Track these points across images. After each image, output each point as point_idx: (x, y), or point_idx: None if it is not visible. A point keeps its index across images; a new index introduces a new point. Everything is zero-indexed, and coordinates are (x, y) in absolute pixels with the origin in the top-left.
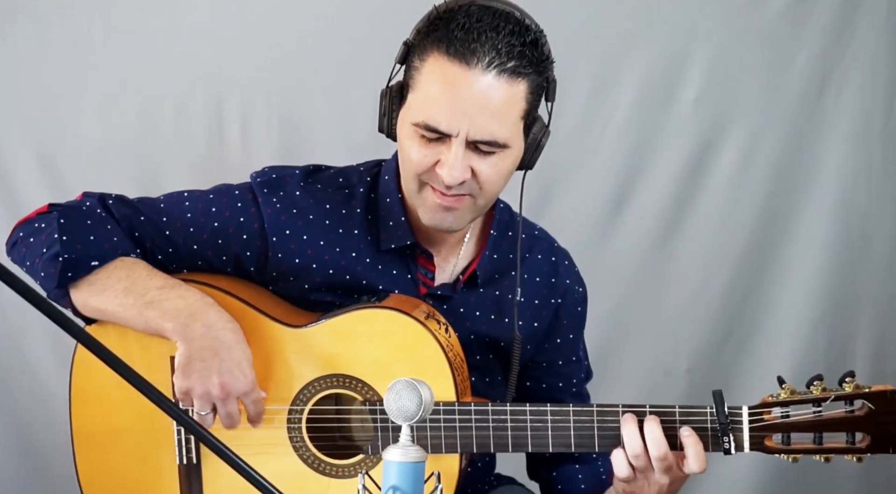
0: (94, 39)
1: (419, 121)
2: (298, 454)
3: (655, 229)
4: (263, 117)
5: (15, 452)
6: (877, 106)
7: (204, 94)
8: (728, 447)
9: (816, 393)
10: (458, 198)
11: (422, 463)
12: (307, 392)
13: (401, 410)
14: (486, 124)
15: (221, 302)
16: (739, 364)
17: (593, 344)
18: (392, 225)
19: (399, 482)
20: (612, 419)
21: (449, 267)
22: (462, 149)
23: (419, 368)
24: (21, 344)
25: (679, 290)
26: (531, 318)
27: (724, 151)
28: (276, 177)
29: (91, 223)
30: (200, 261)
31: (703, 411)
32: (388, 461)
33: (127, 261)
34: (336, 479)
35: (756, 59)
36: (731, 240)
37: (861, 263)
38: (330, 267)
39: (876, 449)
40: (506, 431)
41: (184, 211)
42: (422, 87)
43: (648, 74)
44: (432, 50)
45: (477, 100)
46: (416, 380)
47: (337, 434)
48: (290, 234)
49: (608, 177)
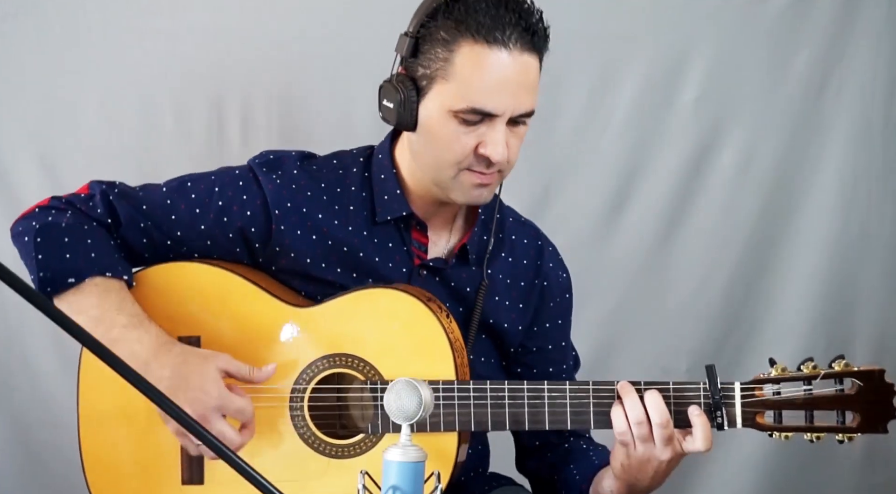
0: (93, 39)
1: (463, 107)
2: (299, 433)
3: (655, 229)
4: (263, 117)
5: (15, 452)
6: (877, 106)
7: (204, 94)
8: (721, 421)
9: (807, 371)
10: (492, 175)
11: (422, 463)
12: (310, 371)
13: (401, 410)
14: (525, 99)
15: (229, 282)
16: (739, 363)
17: (593, 343)
18: (387, 198)
19: (399, 482)
20: (607, 395)
21: (441, 242)
22: (504, 126)
23: (420, 348)
24: (21, 344)
25: (679, 290)
26: (517, 299)
27: (724, 151)
28: (274, 158)
29: (68, 240)
30: (209, 241)
31: (697, 386)
32: (388, 461)
33: (101, 286)
34: (336, 459)
35: (756, 59)
36: (730, 239)
37: (861, 263)
38: (329, 239)
39: (866, 429)
40: (503, 408)
41: (188, 192)
42: (459, 76)
43: (648, 74)
44: (462, 38)
45: (518, 78)
46: (416, 380)
47: (338, 412)
48: (290, 207)
49: (608, 176)
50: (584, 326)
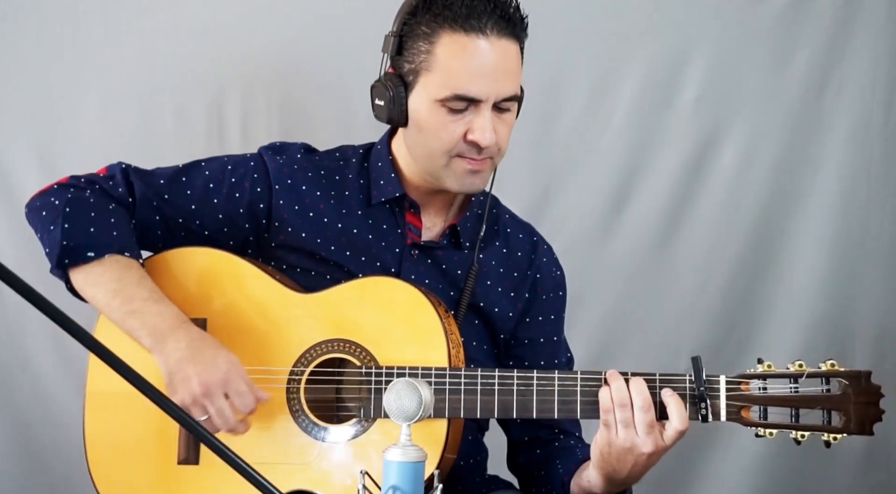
0: (94, 39)
1: (447, 95)
2: (294, 416)
3: (655, 229)
4: (263, 117)
5: (15, 452)
6: (877, 106)
7: (204, 94)
8: (705, 413)
9: (794, 369)
10: (483, 162)
11: (422, 463)
12: (308, 356)
13: (401, 410)
14: (507, 83)
15: (236, 267)
16: (739, 363)
17: (592, 343)
18: (382, 182)
19: (399, 482)
20: (594, 384)
21: (435, 229)
22: (490, 111)
23: (416, 336)
24: (21, 344)
25: (679, 289)
26: (509, 288)
27: (724, 151)
28: (280, 145)
29: (94, 215)
30: (221, 215)
31: (683, 377)
32: (388, 461)
33: (122, 262)
34: (328, 443)
35: (756, 59)
36: (731, 239)
37: (861, 263)
38: (324, 217)
39: (852, 430)
40: (493, 395)
41: (202, 170)
42: (441, 65)
43: (648, 74)
44: (441, 30)
45: (498, 63)
46: (416, 380)
47: (333, 396)
48: (291, 184)
49: (608, 177)
50: (583, 326)
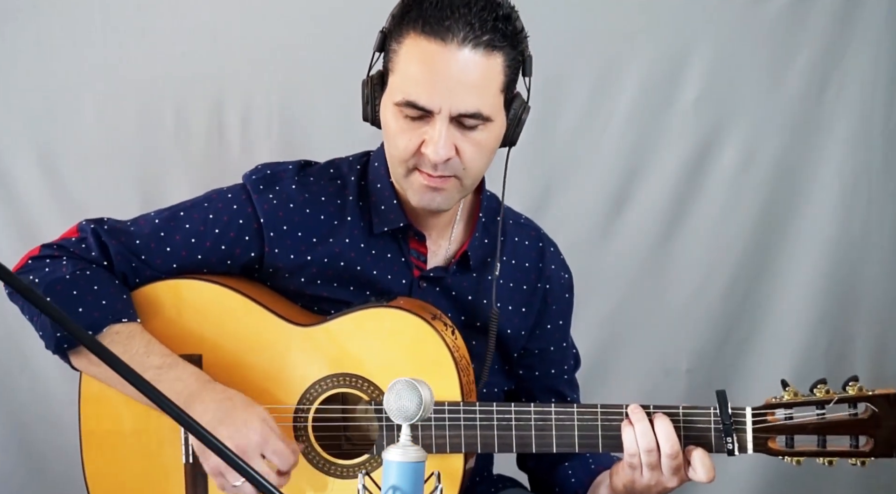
0: (94, 39)
1: (400, 99)
2: (303, 453)
3: (655, 229)
4: (263, 117)
5: (15, 452)
6: (877, 106)
7: (204, 94)
8: (731, 448)
9: (820, 395)
10: (444, 179)
11: (422, 463)
12: (314, 391)
13: (401, 410)
14: (466, 97)
15: (230, 300)
16: (739, 364)
17: (593, 343)
18: (384, 209)
19: (399, 482)
20: (616, 418)
21: (441, 251)
22: (446, 125)
23: (425, 368)
24: (21, 344)
25: (679, 290)
26: (520, 303)
27: (724, 151)
28: (271, 173)
29: (76, 293)
30: (206, 269)
31: (707, 411)
32: (388, 461)
33: (123, 332)
34: (340, 479)
35: (756, 59)
36: (731, 240)
37: (861, 263)
38: (325, 257)
39: (880, 453)
40: (510, 431)
41: (181, 222)
42: (401, 68)
43: (648, 74)
44: (408, 31)
45: (455, 74)
46: (417, 380)
47: (342, 433)
48: (286, 230)
49: (608, 177)
50: (584, 326)
